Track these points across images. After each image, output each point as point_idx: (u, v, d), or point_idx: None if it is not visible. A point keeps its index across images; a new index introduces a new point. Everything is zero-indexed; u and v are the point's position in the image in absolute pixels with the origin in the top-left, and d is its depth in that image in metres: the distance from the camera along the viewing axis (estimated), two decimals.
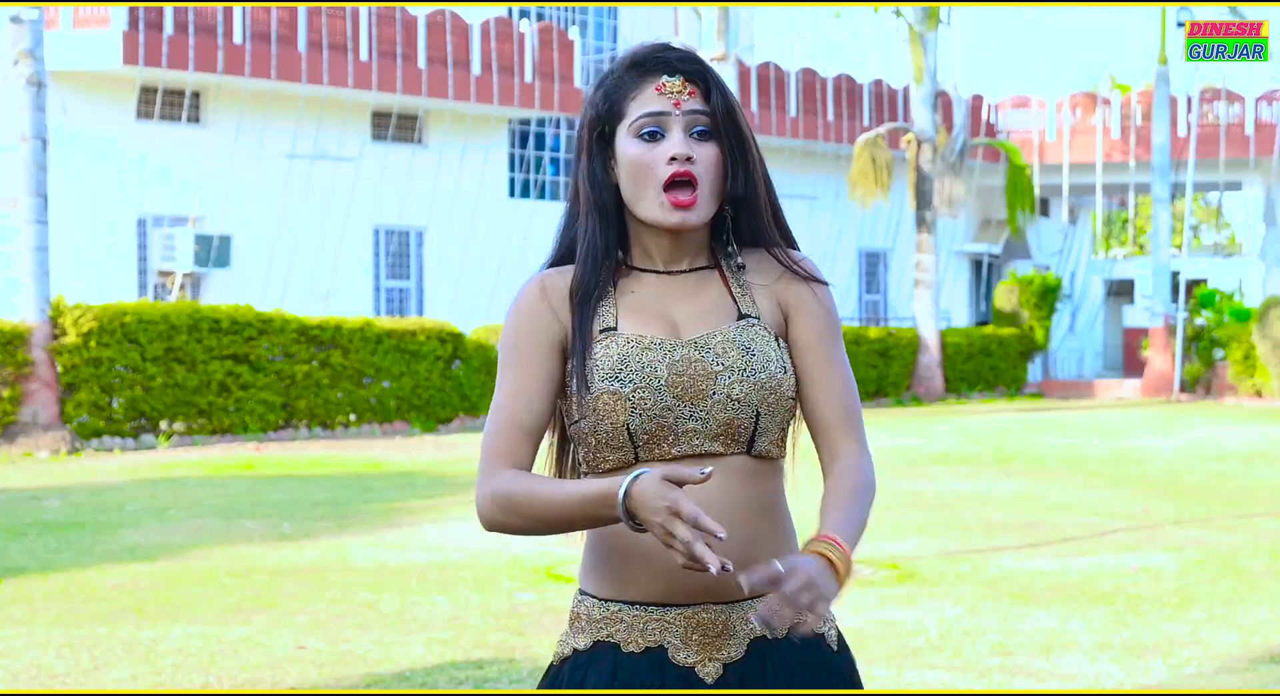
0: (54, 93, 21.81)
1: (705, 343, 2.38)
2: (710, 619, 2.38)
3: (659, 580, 2.37)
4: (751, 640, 2.39)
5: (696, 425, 2.36)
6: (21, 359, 17.12)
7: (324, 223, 25.85)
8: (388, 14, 26.36)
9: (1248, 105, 34.83)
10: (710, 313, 2.41)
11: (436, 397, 21.11)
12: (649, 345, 2.37)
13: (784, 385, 2.39)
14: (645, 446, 2.36)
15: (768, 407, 2.37)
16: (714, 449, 2.36)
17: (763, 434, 2.38)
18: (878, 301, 35.52)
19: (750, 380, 2.36)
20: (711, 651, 2.38)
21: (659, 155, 2.36)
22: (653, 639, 2.38)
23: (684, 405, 2.35)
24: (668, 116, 2.37)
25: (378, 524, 11.09)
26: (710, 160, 2.38)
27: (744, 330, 2.39)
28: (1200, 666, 6.60)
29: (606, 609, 2.41)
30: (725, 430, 2.36)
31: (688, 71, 2.38)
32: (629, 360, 2.36)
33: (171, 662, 6.64)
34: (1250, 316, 27.80)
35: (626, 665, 2.38)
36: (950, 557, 9.48)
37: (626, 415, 2.35)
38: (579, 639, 2.43)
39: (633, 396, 2.35)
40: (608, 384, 2.35)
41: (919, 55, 28.99)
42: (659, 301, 2.42)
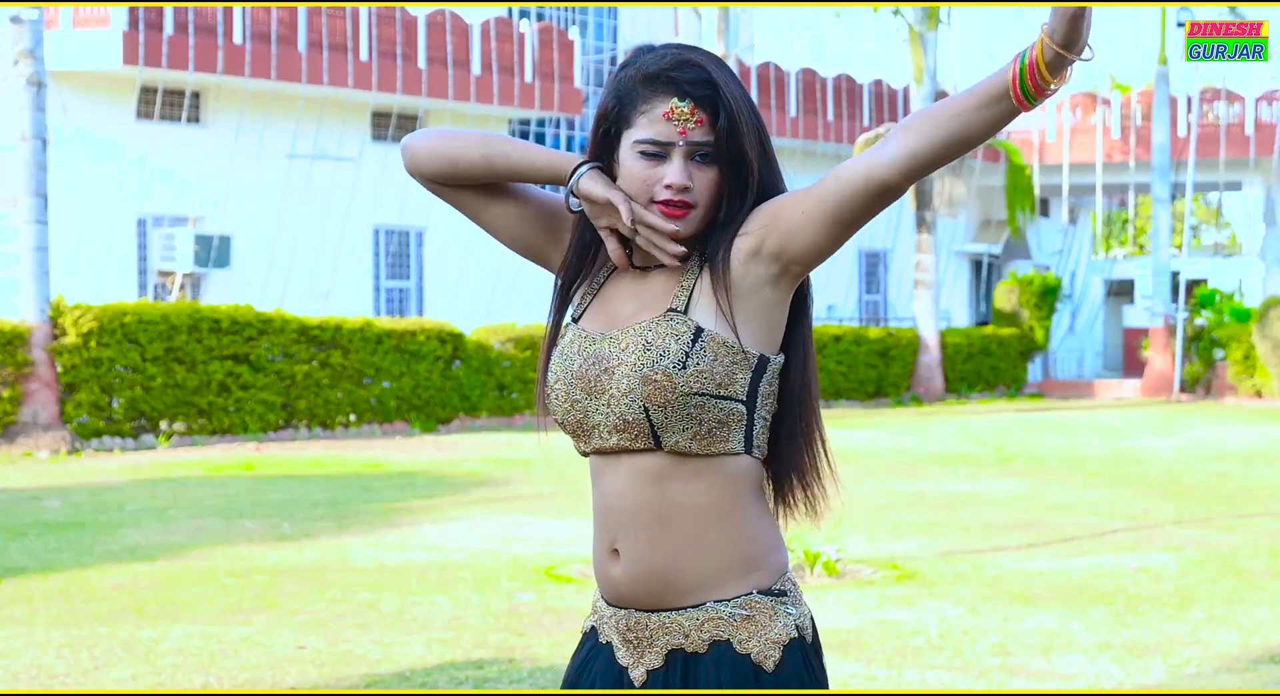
0: (54, 93, 21.81)
1: (619, 338, 2.39)
2: (634, 623, 2.41)
3: (599, 579, 2.46)
4: (669, 651, 2.39)
5: (601, 419, 2.38)
6: (21, 359, 17.12)
7: (324, 223, 25.85)
8: (388, 14, 26.36)
9: (1248, 105, 34.84)
10: (645, 306, 2.41)
11: (436, 398, 21.11)
12: (579, 338, 2.43)
13: (678, 381, 2.32)
14: (573, 437, 2.44)
15: (655, 403, 2.32)
16: (621, 443, 2.38)
17: (664, 429, 2.33)
18: (878, 301, 35.52)
19: (635, 374, 2.34)
20: (637, 656, 2.42)
21: (657, 176, 2.37)
22: (605, 635, 2.46)
23: (589, 399, 2.39)
24: (671, 145, 2.37)
25: (378, 524, 11.09)
26: (707, 185, 2.39)
27: (658, 324, 2.36)
28: (1200, 666, 6.60)
29: (594, 597, 2.52)
30: (623, 424, 2.36)
31: (698, 96, 2.37)
32: (564, 352, 2.43)
33: (171, 662, 6.64)
34: (1250, 316, 27.80)
35: (597, 653, 2.47)
36: (950, 557, 9.48)
37: (555, 405, 2.43)
38: (586, 621, 2.54)
39: (554, 387, 2.42)
40: (548, 374, 2.44)
41: (919, 55, 29.00)
42: (618, 297, 2.45)
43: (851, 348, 27.63)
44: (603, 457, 2.40)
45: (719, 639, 2.37)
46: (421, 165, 2.49)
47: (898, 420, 23.16)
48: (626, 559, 2.39)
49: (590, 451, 2.42)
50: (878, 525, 10.91)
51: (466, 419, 21.51)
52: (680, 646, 2.38)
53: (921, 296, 29.24)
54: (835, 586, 8.41)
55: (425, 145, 2.48)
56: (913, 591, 8.34)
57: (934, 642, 7.02)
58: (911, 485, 13.56)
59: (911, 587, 8.45)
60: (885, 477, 14.23)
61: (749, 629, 2.37)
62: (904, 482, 13.75)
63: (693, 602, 2.38)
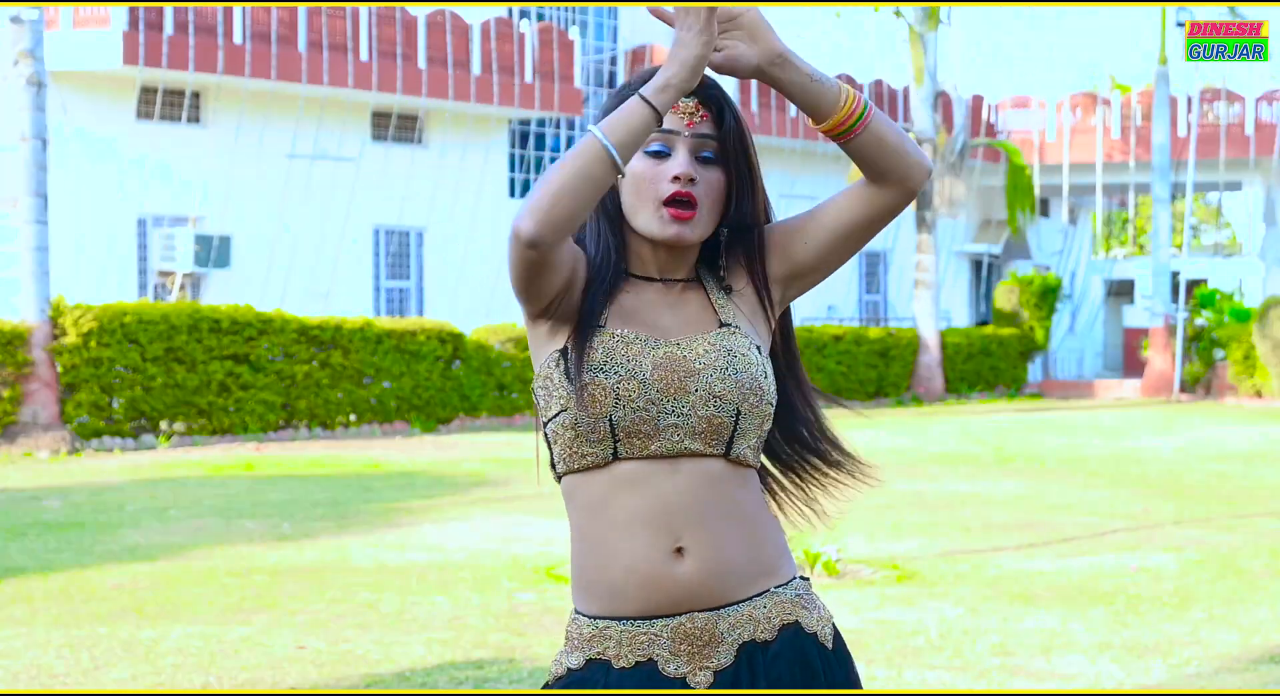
0: (54, 93, 21.81)
1: (689, 343, 2.40)
2: (697, 628, 2.38)
3: (642, 591, 2.37)
4: (740, 645, 2.39)
5: (677, 420, 2.36)
6: (21, 359, 17.12)
7: (324, 223, 25.85)
8: (388, 14, 26.35)
9: (1248, 105, 34.84)
10: (694, 321, 2.45)
11: (436, 398, 21.11)
12: (633, 340, 2.39)
13: (765, 388, 2.40)
14: (625, 440, 2.36)
15: (749, 407, 2.38)
16: (693, 447, 2.37)
17: (741, 436, 2.39)
18: (878, 302, 35.53)
19: (732, 378, 2.37)
20: (701, 660, 2.38)
21: (662, 172, 2.38)
22: (641, 653, 2.38)
23: (666, 399, 2.36)
24: (676, 136, 2.39)
25: (378, 524, 11.09)
26: (713, 184, 2.41)
27: (725, 336, 2.42)
28: (1200, 666, 6.60)
29: (595, 626, 2.41)
30: (706, 428, 2.37)
31: (703, 94, 2.40)
32: (614, 353, 2.37)
33: (171, 662, 6.64)
34: (1250, 316, 27.79)
35: (618, 681, 2.39)
36: (950, 557, 9.48)
37: (610, 406, 2.35)
38: (572, 657, 2.43)
39: (617, 387, 2.35)
40: (592, 374, 2.35)
41: (919, 55, 29.00)
42: (647, 308, 2.44)
43: (851, 347, 27.63)
44: (653, 462, 2.36)
45: (787, 622, 2.42)
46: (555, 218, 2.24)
47: (898, 420, 23.16)
48: (698, 554, 2.37)
49: (640, 455, 2.36)
50: (878, 525, 10.91)
51: (466, 419, 21.51)
52: (752, 637, 2.39)
53: (921, 296, 29.24)
54: (835, 586, 8.41)
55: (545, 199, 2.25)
56: (913, 591, 8.34)
57: (934, 642, 7.02)
58: (911, 485, 13.56)
59: (911, 587, 8.45)
60: (885, 477, 14.20)
61: (808, 609, 2.45)
62: (904, 482, 13.75)
63: (757, 590, 2.41)
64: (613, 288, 2.43)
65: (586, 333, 2.39)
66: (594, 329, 2.39)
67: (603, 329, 2.39)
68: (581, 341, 2.38)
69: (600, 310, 2.40)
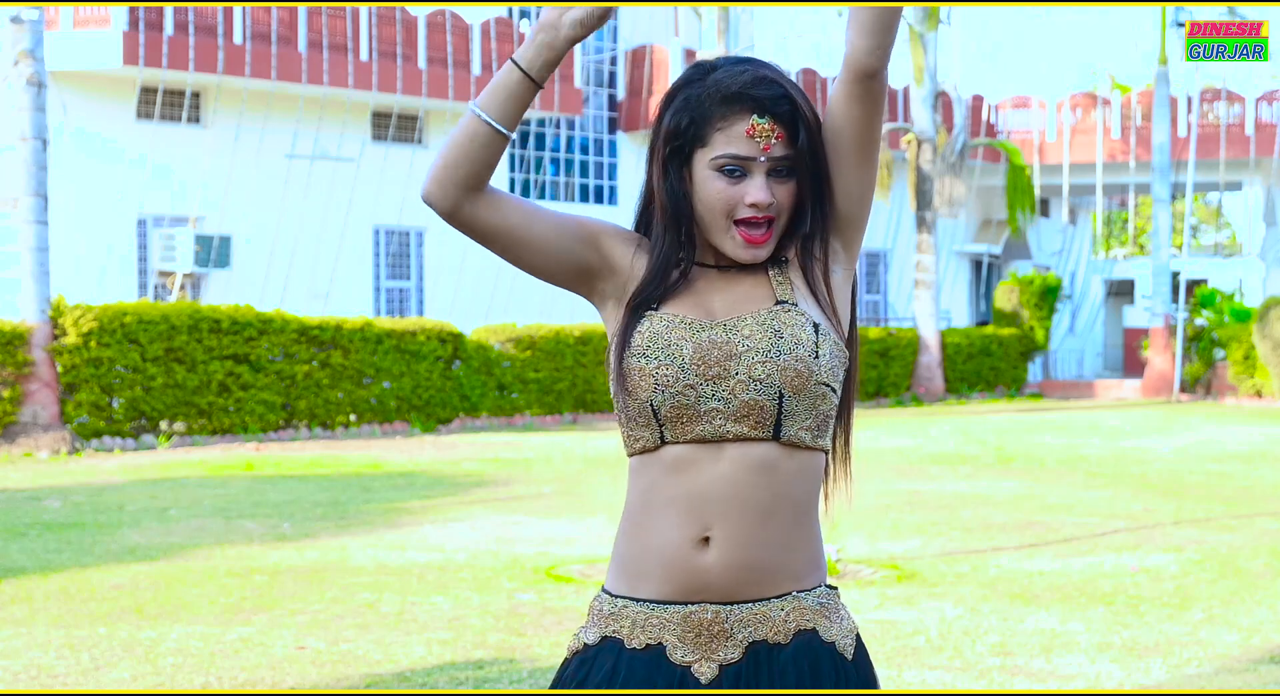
0: (54, 93, 21.82)
1: (734, 325, 2.40)
2: (707, 618, 2.38)
3: (662, 573, 2.39)
4: (750, 643, 2.39)
5: (719, 405, 2.37)
6: (21, 359, 17.12)
7: (324, 223, 25.85)
8: (388, 14, 26.36)
9: (1248, 105, 34.85)
10: (746, 299, 2.44)
11: (436, 398, 21.11)
12: (678, 324, 2.40)
13: (814, 370, 2.38)
14: (670, 425, 2.38)
15: (792, 390, 2.37)
16: (739, 430, 2.37)
17: (790, 417, 2.37)
18: (878, 301, 35.53)
19: (774, 361, 2.36)
20: (708, 652, 2.39)
21: (739, 194, 2.40)
22: (653, 636, 2.40)
23: (706, 384, 2.37)
24: (753, 161, 2.39)
25: (378, 524, 11.09)
26: (788, 200, 2.42)
27: (777, 315, 2.40)
28: (1200, 666, 6.60)
29: (615, 604, 2.44)
30: (748, 411, 2.36)
31: (778, 113, 2.40)
32: (658, 337, 2.39)
33: (171, 662, 6.64)
34: (1250, 316, 27.80)
35: (627, 661, 2.41)
36: (950, 557, 9.48)
37: (650, 391, 2.37)
38: (589, 633, 2.47)
39: (656, 372, 2.37)
40: (634, 359, 2.39)
41: (919, 55, 29.00)
42: (703, 290, 2.46)
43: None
44: (699, 446, 2.38)
45: (804, 628, 2.40)
46: (441, 181, 2.42)
47: (897, 420, 23.16)
48: (724, 546, 2.37)
49: (686, 439, 2.38)
50: (878, 525, 10.91)
51: (466, 419, 21.51)
52: (764, 638, 2.39)
53: (921, 296, 29.24)
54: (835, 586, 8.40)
55: (435, 165, 2.44)
56: (913, 591, 8.34)
57: (934, 642, 7.02)
58: (911, 485, 13.56)
59: (911, 587, 8.46)
60: (885, 477, 14.23)
61: (829, 618, 2.43)
62: (904, 482, 13.75)
63: (778, 592, 2.40)
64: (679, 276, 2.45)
65: (632, 318, 2.43)
66: (641, 314, 2.42)
67: (654, 311, 2.42)
68: (626, 327, 2.42)
69: (654, 296, 2.43)
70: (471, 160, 2.41)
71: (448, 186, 2.42)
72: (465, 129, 2.41)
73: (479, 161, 2.42)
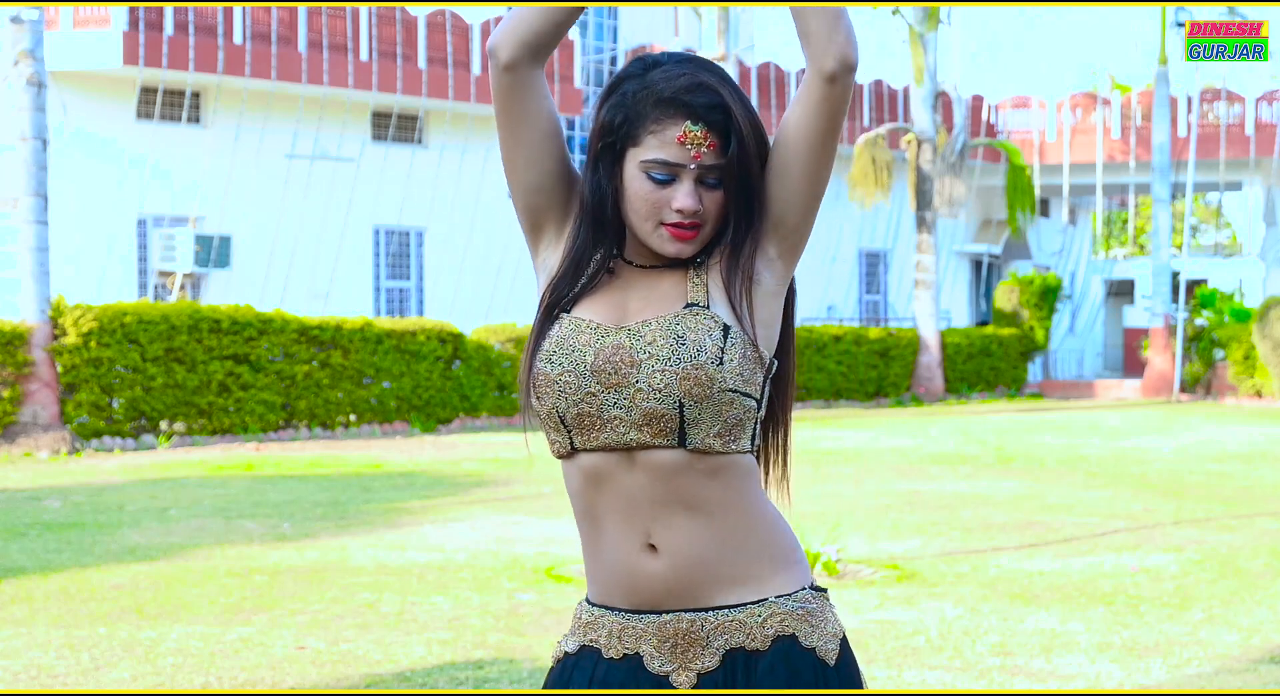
0: (54, 93, 21.81)
1: (639, 330, 2.36)
2: (682, 628, 2.36)
3: (624, 586, 2.38)
4: (727, 651, 2.36)
5: (620, 413, 2.34)
6: (21, 359, 17.12)
7: (324, 223, 25.85)
8: (388, 14, 26.36)
9: (1248, 105, 34.86)
10: (660, 301, 2.40)
11: (436, 398, 21.11)
12: (585, 328, 2.38)
13: (715, 376, 2.32)
14: (576, 431, 2.36)
15: (693, 399, 2.32)
16: (641, 439, 2.34)
17: (694, 425, 2.33)
18: (878, 301, 35.53)
19: (672, 369, 2.32)
20: (685, 661, 2.37)
21: (665, 199, 2.37)
22: (629, 646, 2.39)
23: (607, 392, 2.34)
24: (682, 168, 2.37)
25: (378, 524, 11.09)
26: (715, 209, 2.39)
27: (683, 319, 2.36)
28: (1200, 666, 6.60)
29: (593, 613, 2.42)
30: (649, 420, 2.33)
31: (711, 121, 2.36)
32: (564, 342, 2.37)
33: (171, 662, 6.64)
34: (1250, 316, 27.80)
35: (605, 671, 2.39)
36: (950, 557, 9.48)
37: (555, 398, 2.36)
38: (570, 642, 2.45)
39: (560, 379, 2.36)
40: (542, 364, 2.38)
41: (919, 55, 29.00)
42: (624, 288, 2.43)
43: (851, 347, 27.63)
44: (607, 455, 2.36)
45: (783, 634, 2.37)
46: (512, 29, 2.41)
47: (898, 420, 23.16)
48: (668, 550, 2.35)
49: (591, 448, 2.36)
50: (878, 525, 10.91)
51: (466, 419, 21.52)
52: (741, 645, 2.36)
53: (921, 296, 29.24)
54: (835, 586, 8.41)
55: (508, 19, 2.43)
56: (913, 591, 8.34)
57: (934, 642, 7.02)
58: (911, 485, 13.56)
59: (911, 587, 8.46)
60: (885, 477, 14.23)
61: (810, 623, 2.39)
62: (904, 482, 13.75)
63: (753, 598, 2.37)
64: (604, 272, 2.43)
65: (545, 320, 2.41)
66: (554, 316, 2.41)
67: (565, 314, 2.40)
68: (538, 329, 2.41)
69: (566, 295, 2.41)
70: (541, 17, 2.39)
71: (512, 36, 2.40)
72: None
73: (547, 21, 2.40)
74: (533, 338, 2.41)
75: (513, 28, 2.40)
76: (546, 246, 2.49)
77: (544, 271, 2.48)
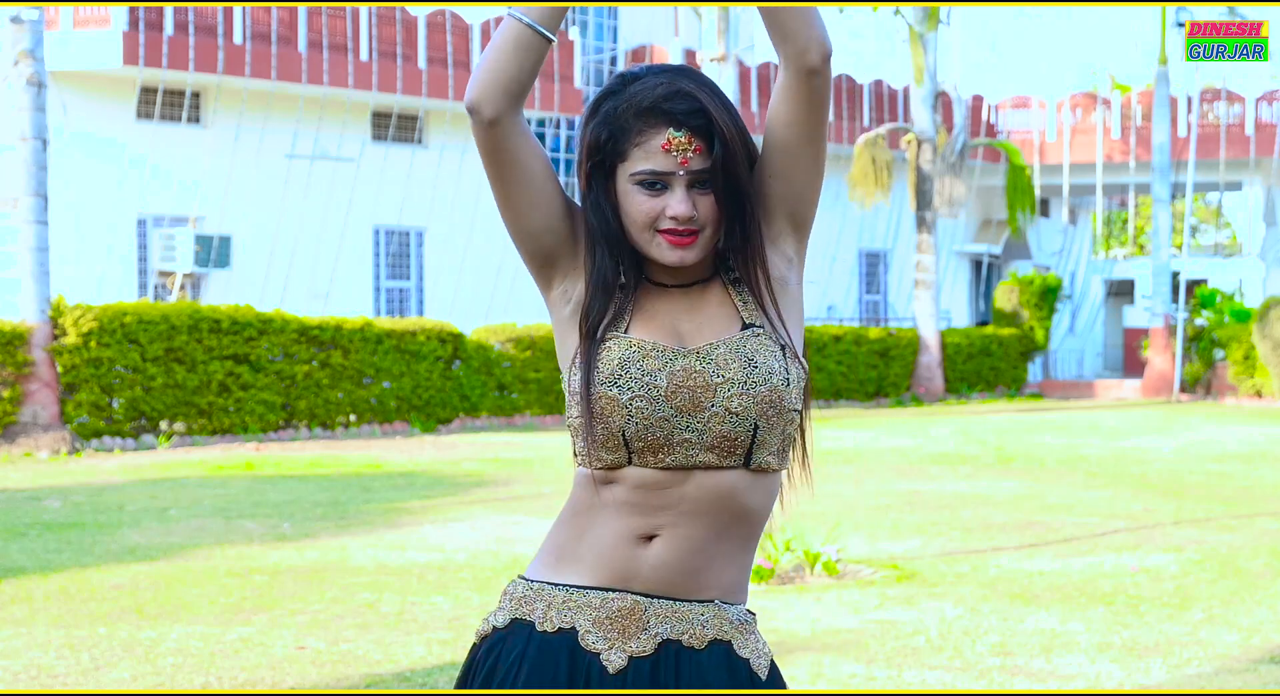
0: (54, 93, 21.81)
1: (708, 353, 2.36)
2: (626, 607, 2.36)
3: (594, 558, 2.38)
4: (663, 640, 2.36)
5: (692, 436, 2.34)
6: (21, 359, 17.12)
7: (324, 223, 25.86)
8: (388, 14, 26.36)
9: (1248, 105, 34.85)
10: (714, 322, 2.41)
11: (436, 398, 21.11)
12: (650, 351, 2.36)
13: (785, 398, 2.36)
14: (639, 453, 2.35)
15: (766, 421, 2.35)
16: (709, 460, 2.35)
17: (760, 447, 2.36)
18: (878, 301, 35.53)
19: (750, 394, 2.34)
20: (620, 640, 2.36)
21: (659, 207, 2.37)
22: (566, 619, 2.38)
23: (681, 416, 2.34)
24: (672, 175, 2.37)
25: (378, 524, 11.09)
26: (711, 210, 2.39)
27: (747, 341, 2.38)
28: (1200, 666, 6.60)
29: (531, 588, 2.41)
30: (721, 442, 2.34)
31: (694, 126, 2.37)
32: (629, 365, 2.35)
33: (171, 662, 6.64)
34: (1250, 316, 27.80)
35: (537, 644, 2.38)
36: (950, 557, 9.48)
37: (623, 421, 2.34)
38: (499, 616, 2.43)
39: (630, 404, 2.34)
40: (607, 388, 2.34)
41: (919, 55, 29.00)
42: (667, 313, 2.42)
43: (851, 347, 27.63)
44: (664, 473, 2.36)
45: (720, 639, 2.38)
46: (485, 84, 2.35)
47: (898, 420, 23.16)
48: (667, 548, 2.35)
49: (655, 466, 2.36)
50: (878, 525, 10.91)
51: (466, 419, 21.51)
52: (678, 638, 2.36)
53: (921, 296, 29.24)
54: (835, 586, 8.41)
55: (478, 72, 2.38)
56: (913, 591, 8.34)
57: (934, 642, 7.02)
58: (911, 485, 13.56)
59: (911, 587, 8.45)
60: (885, 477, 14.23)
61: (745, 636, 2.41)
62: (904, 482, 13.75)
63: (700, 597, 2.38)
64: (632, 294, 2.42)
65: (596, 342, 2.38)
66: (604, 338, 2.38)
67: (623, 335, 2.38)
68: (591, 351, 2.37)
69: (612, 322, 2.39)
70: (516, 64, 2.35)
71: (491, 90, 2.35)
72: (506, 34, 2.36)
73: (523, 67, 2.36)
74: (583, 361, 2.37)
75: (490, 80, 2.35)
76: (562, 281, 2.46)
77: (566, 304, 2.45)
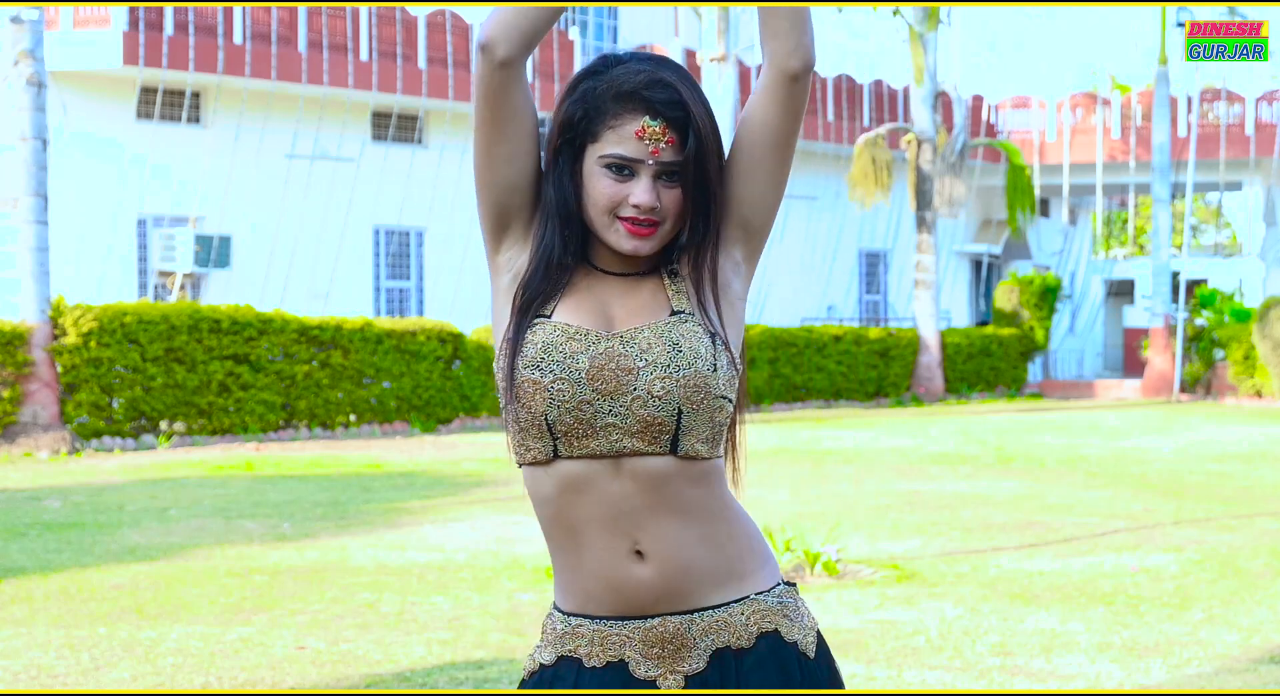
0: (54, 93, 21.82)
1: (632, 337, 2.35)
2: (668, 632, 2.35)
3: (610, 594, 2.36)
4: (714, 651, 2.36)
5: (616, 420, 2.32)
6: (22, 359, 17.12)
7: (324, 223, 25.86)
8: (388, 14, 26.36)
9: (1248, 105, 34.85)
10: (644, 308, 2.39)
11: (436, 398, 21.12)
12: (574, 335, 2.35)
13: (711, 384, 2.33)
14: (564, 439, 2.33)
15: (691, 406, 2.32)
16: (635, 446, 2.33)
17: (687, 432, 2.33)
18: (878, 301, 35.52)
19: (673, 377, 2.32)
20: (672, 664, 2.36)
21: (624, 193, 2.35)
22: (613, 653, 2.37)
23: (603, 399, 2.32)
24: (641, 163, 2.35)
25: (378, 524, 11.09)
26: (674, 204, 2.37)
27: (674, 326, 2.35)
28: (1200, 666, 6.60)
29: (569, 623, 2.39)
30: (646, 427, 2.32)
31: (670, 117, 2.35)
32: (551, 349, 2.33)
33: (171, 662, 6.64)
34: (1250, 316, 27.80)
35: (588, 680, 2.37)
36: (950, 557, 9.48)
37: (545, 405, 2.32)
38: (544, 653, 2.42)
39: (551, 387, 2.32)
40: (529, 371, 2.33)
41: (919, 55, 29.00)
42: (600, 297, 2.41)
43: (851, 347, 27.63)
44: (591, 462, 2.34)
45: (766, 630, 2.38)
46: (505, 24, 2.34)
47: (897, 420, 23.16)
48: (656, 556, 2.34)
49: (576, 455, 2.34)
50: (878, 525, 10.91)
51: (466, 419, 21.52)
52: (727, 644, 2.36)
53: (921, 296, 29.24)
54: (835, 586, 8.41)
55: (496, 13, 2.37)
56: (913, 591, 8.34)
57: (934, 642, 7.02)
58: (911, 485, 13.56)
59: (911, 587, 8.45)
60: (885, 477, 14.23)
61: (789, 618, 2.40)
62: (904, 482, 13.75)
63: (735, 597, 2.37)
64: (569, 274, 2.40)
65: (523, 325, 2.36)
66: (532, 321, 2.36)
67: (548, 320, 2.36)
68: (517, 335, 2.36)
69: (543, 301, 2.38)
70: (537, 11, 2.34)
71: (511, 31, 2.33)
72: None
73: (541, 14, 2.35)
74: (509, 343, 2.36)
75: (511, 22, 2.34)
76: (511, 246, 2.44)
77: (508, 271, 2.44)
